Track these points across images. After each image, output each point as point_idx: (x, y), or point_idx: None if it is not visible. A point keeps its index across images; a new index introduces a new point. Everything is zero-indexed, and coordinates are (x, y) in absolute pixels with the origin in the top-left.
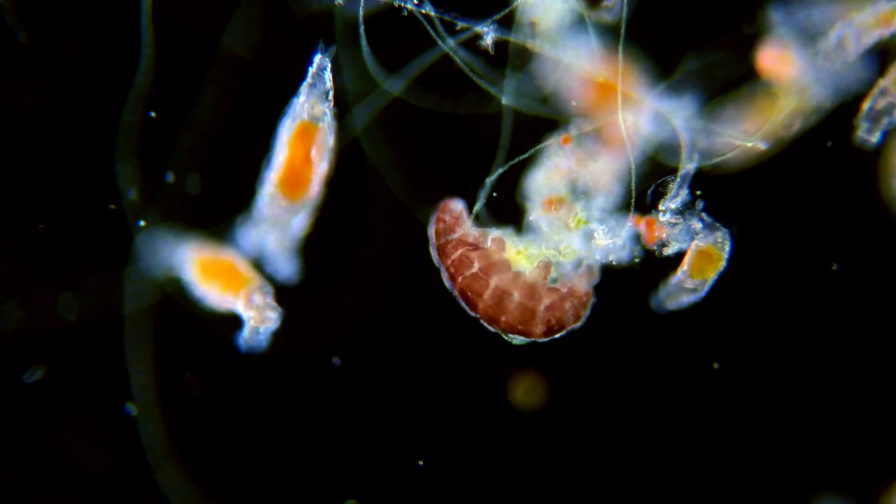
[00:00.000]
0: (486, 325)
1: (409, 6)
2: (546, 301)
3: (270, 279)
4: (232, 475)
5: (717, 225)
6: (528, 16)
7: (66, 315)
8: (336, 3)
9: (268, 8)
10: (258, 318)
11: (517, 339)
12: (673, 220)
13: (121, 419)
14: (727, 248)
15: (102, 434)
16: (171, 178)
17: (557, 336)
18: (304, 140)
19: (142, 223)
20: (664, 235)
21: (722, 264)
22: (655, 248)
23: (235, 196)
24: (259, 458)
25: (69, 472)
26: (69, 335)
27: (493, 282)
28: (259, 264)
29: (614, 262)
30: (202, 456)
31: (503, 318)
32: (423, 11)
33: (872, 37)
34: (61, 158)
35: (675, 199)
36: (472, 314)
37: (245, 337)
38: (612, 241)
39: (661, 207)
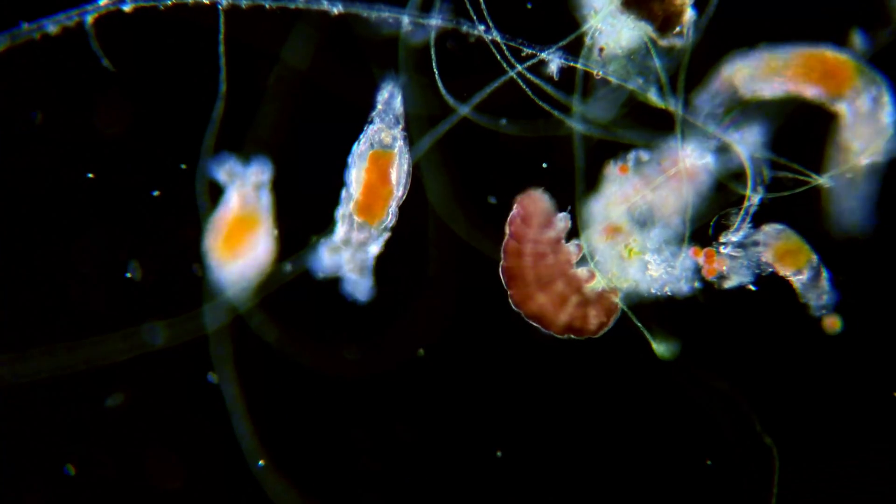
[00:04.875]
0: (517, 309)
1: (475, 32)
2: (577, 298)
3: (347, 301)
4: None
5: (765, 229)
6: (596, 42)
7: (150, 341)
8: (404, 29)
9: (335, 34)
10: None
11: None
12: (734, 254)
13: (199, 443)
14: (790, 231)
15: (182, 457)
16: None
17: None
18: (379, 166)
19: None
20: (724, 268)
21: (802, 242)
22: (714, 280)
23: (304, 218)
24: (344, 477)
25: (148, 495)
26: (151, 360)
27: (547, 261)
28: (336, 286)
29: (671, 293)
30: (286, 476)
31: (540, 297)
32: (491, 38)
33: None
34: (144, 183)
35: (737, 232)
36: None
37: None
38: (667, 273)
39: (722, 240)
